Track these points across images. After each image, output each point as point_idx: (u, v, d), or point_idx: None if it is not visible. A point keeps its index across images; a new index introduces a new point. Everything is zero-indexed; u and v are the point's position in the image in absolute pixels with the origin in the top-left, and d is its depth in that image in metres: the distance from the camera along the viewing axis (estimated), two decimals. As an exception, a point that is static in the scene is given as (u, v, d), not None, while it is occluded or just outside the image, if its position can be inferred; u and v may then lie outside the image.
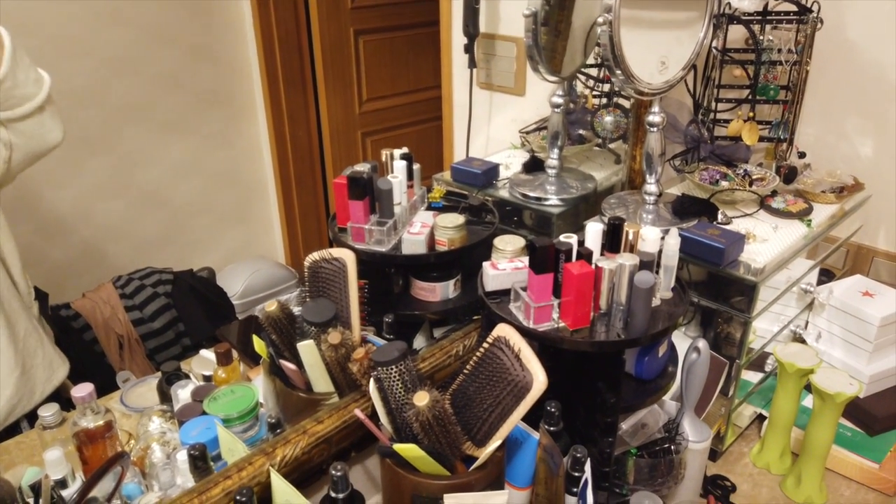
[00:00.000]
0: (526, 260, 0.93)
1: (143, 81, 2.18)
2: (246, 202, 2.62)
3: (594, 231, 0.90)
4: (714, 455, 1.14)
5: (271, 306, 0.92)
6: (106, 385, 1.07)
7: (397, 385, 0.80)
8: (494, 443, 0.79)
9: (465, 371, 0.83)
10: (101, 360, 1.51)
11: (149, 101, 2.21)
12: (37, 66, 1.06)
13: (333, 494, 0.80)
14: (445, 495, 0.76)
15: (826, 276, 1.33)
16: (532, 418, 0.90)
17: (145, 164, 2.27)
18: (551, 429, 0.87)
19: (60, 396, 1.16)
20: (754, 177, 1.21)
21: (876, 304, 1.16)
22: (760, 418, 1.22)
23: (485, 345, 0.82)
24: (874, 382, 1.18)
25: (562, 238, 0.87)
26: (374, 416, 0.84)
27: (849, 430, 1.16)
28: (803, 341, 1.25)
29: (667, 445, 0.97)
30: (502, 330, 0.81)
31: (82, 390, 0.86)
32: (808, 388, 1.07)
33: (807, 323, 1.27)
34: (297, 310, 0.97)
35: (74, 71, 2.02)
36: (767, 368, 1.23)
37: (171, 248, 2.40)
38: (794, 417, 1.10)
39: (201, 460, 0.78)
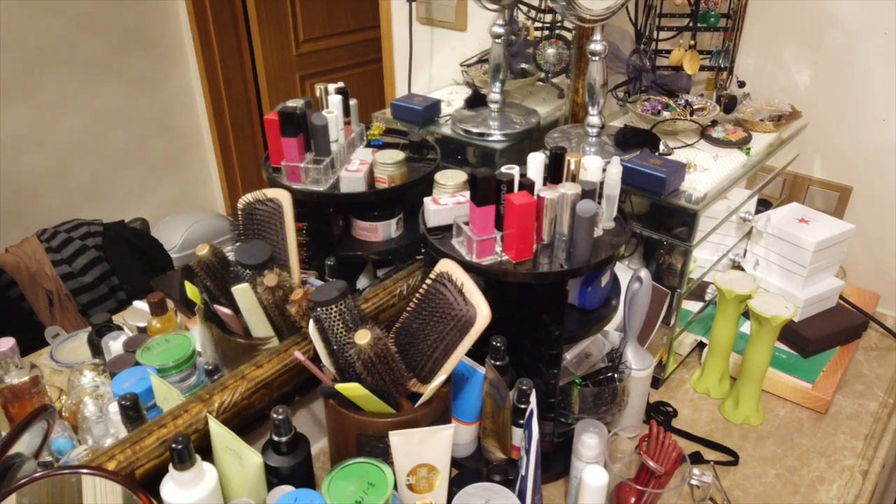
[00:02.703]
0: (468, 194, 0.90)
1: (60, 22, 2.03)
2: (180, 151, 2.50)
3: (536, 161, 0.88)
4: (656, 382, 1.17)
5: (202, 250, 0.88)
6: (36, 343, 1.02)
7: (338, 325, 0.77)
8: (439, 378, 0.78)
9: (409, 308, 0.82)
10: (29, 317, 1.43)
11: (67, 42, 2.06)
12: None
13: (276, 438, 0.78)
14: (391, 432, 0.75)
15: (763, 206, 1.36)
16: (478, 355, 0.90)
17: (68, 112, 2.13)
18: (497, 363, 0.87)
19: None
20: (695, 107, 1.21)
21: (811, 230, 1.19)
22: (700, 346, 1.25)
23: (427, 280, 0.80)
24: (808, 306, 1.22)
25: (503, 169, 0.85)
26: (315, 358, 0.82)
27: (784, 352, 1.20)
28: (742, 269, 1.27)
29: (610, 374, 0.99)
30: (445, 265, 0.80)
31: (2, 345, 0.81)
32: (746, 315, 1.09)
33: (745, 251, 1.29)
34: (232, 256, 0.93)
35: (-20, 10, 1.86)
36: (707, 297, 1.26)
37: (101, 202, 2.28)
38: (733, 343, 1.13)
39: (133, 410, 0.75)
